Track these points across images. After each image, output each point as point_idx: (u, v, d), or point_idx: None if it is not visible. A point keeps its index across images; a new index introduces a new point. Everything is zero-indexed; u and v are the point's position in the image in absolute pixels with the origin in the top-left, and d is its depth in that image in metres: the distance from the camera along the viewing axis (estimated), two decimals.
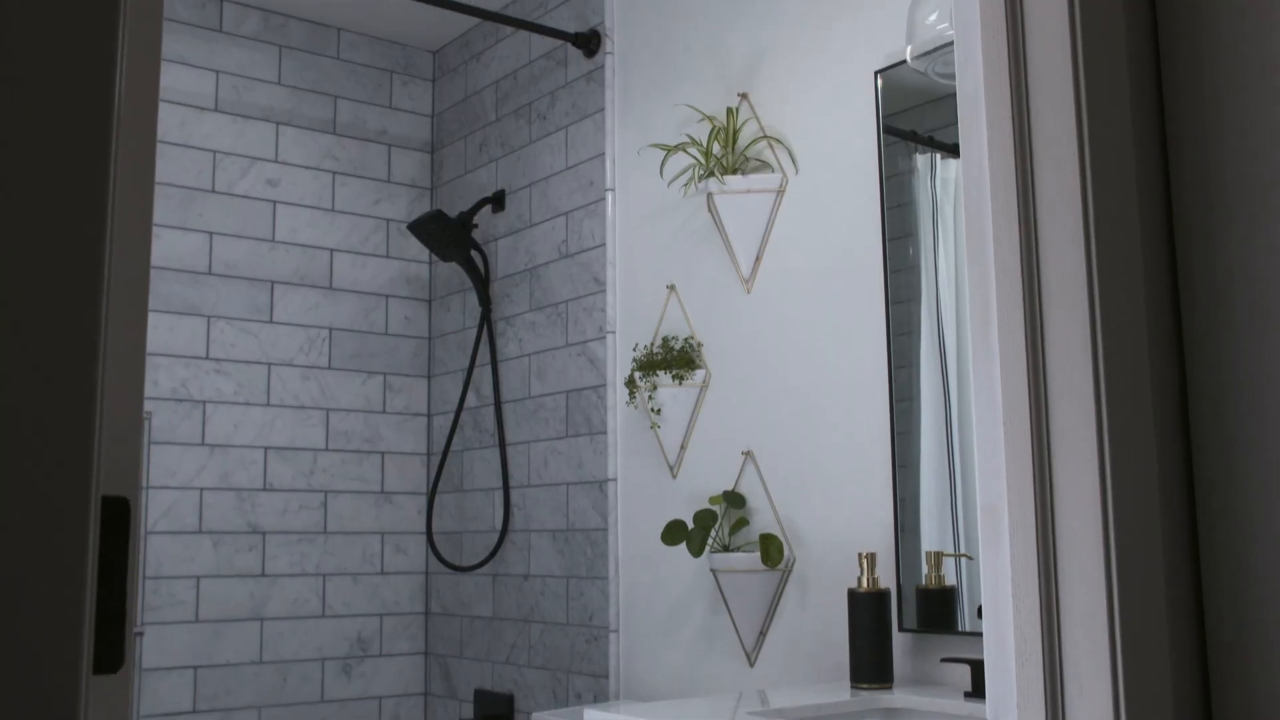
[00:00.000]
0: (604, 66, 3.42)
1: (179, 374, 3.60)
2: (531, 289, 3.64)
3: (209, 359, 3.66)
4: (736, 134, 2.92)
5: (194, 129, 3.72)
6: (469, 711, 3.74)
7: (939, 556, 2.39)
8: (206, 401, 3.64)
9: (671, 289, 3.13)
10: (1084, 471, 1.18)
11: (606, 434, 3.27)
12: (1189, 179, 1.34)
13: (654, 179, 3.19)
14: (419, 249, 4.13)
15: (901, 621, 2.44)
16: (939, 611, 2.39)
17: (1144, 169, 1.32)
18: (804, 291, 2.76)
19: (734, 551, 2.78)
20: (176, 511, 3.55)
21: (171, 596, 3.52)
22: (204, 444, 3.62)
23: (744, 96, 2.96)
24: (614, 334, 3.30)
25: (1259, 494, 1.24)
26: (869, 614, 2.35)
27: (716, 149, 2.92)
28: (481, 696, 3.66)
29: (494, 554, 3.64)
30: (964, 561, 2.36)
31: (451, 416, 3.94)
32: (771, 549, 2.67)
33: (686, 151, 3.00)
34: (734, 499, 2.84)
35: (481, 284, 3.80)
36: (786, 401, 2.78)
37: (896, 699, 2.25)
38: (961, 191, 2.12)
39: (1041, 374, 1.23)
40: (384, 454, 3.98)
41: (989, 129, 1.31)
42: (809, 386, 2.72)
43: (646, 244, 3.23)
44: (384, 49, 4.15)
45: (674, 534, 2.83)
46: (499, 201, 3.82)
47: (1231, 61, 1.31)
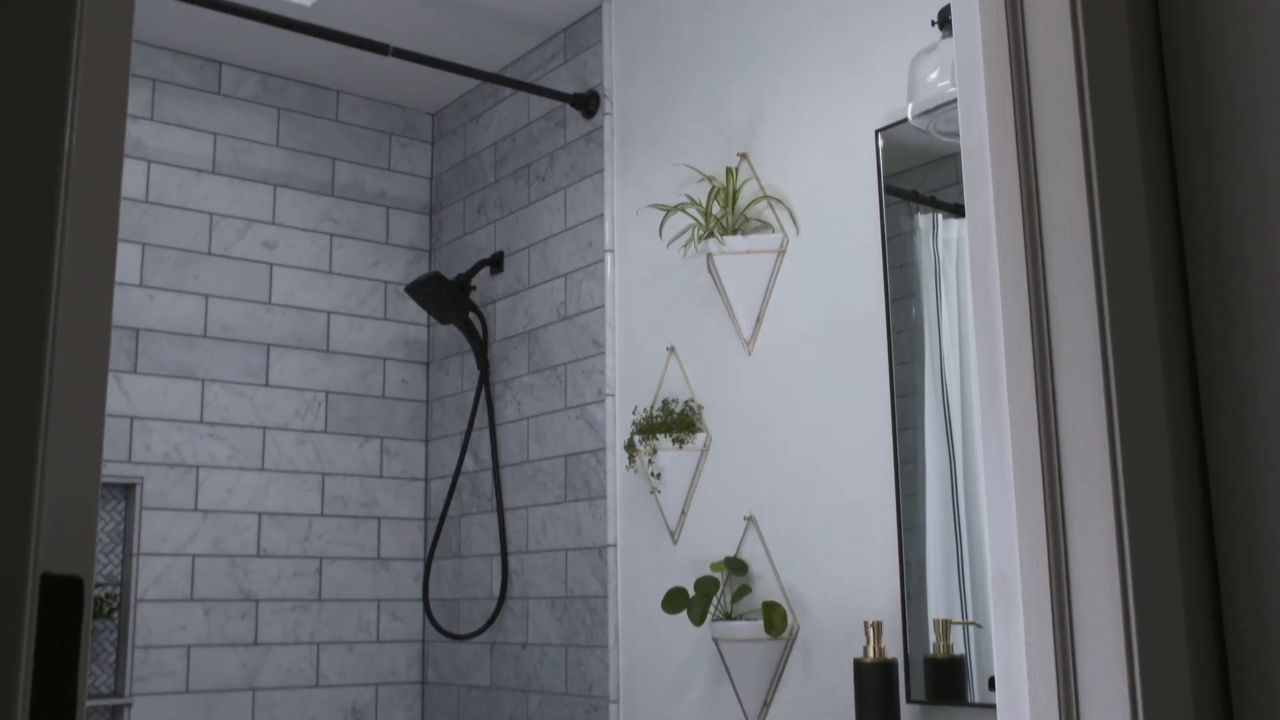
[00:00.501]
0: (603, 127, 3.40)
1: (172, 438, 3.54)
2: (530, 351, 3.60)
3: (203, 423, 3.61)
4: (736, 194, 2.89)
5: (191, 191, 3.69)
6: None
7: (947, 625, 2.32)
8: (200, 466, 3.58)
9: (671, 351, 3.08)
10: (1101, 542, 1.12)
11: (606, 498, 3.21)
12: (1202, 237, 1.30)
13: (653, 240, 3.15)
14: (417, 311, 4.09)
15: (910, 693, 2.36)
16: (948, 682, 2.32)
17: (1157, 233, 1.28)
18: (806, 353, 2.72)
19: (736, 620, 2.71)
20: (168, 579, 3.48)
21: (161, 666, 3.43)
22: (196, 509, 3.56)
23: (744, 156, 2.93)
24: (613, 397, 3.25)
25: None
26: (876, 685, 2.28)
27: (716, 209, 2.89)
28: None
29: (491, 621, 3.56)
30: (973, 630, 2.29)
31: (449, 481, 3.87)
32: (775, 617, 2.60)
33: (686, 212, 2.97)
34: (736, 565, 2.77)
35: (480, 346, 3.76)
36: (789, 465, 2.72)
37: None
38: (965, 252, 2.08)
39: (1054, 439, 1.18)
40: (380, 519, 3.92)
41: (995, 187, 1.27)
42: (812, 450, 2.67)
43: (646, 305, 3.19)
44: (383, 111, 4.14)
45: (675, 602, 2.76)
46: (498, 263, 3.78)
47: (1246, 138, 1.27)
